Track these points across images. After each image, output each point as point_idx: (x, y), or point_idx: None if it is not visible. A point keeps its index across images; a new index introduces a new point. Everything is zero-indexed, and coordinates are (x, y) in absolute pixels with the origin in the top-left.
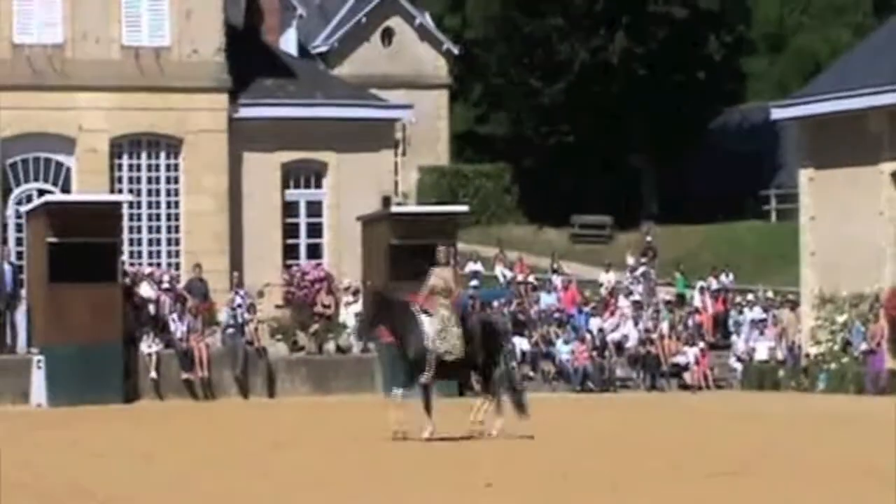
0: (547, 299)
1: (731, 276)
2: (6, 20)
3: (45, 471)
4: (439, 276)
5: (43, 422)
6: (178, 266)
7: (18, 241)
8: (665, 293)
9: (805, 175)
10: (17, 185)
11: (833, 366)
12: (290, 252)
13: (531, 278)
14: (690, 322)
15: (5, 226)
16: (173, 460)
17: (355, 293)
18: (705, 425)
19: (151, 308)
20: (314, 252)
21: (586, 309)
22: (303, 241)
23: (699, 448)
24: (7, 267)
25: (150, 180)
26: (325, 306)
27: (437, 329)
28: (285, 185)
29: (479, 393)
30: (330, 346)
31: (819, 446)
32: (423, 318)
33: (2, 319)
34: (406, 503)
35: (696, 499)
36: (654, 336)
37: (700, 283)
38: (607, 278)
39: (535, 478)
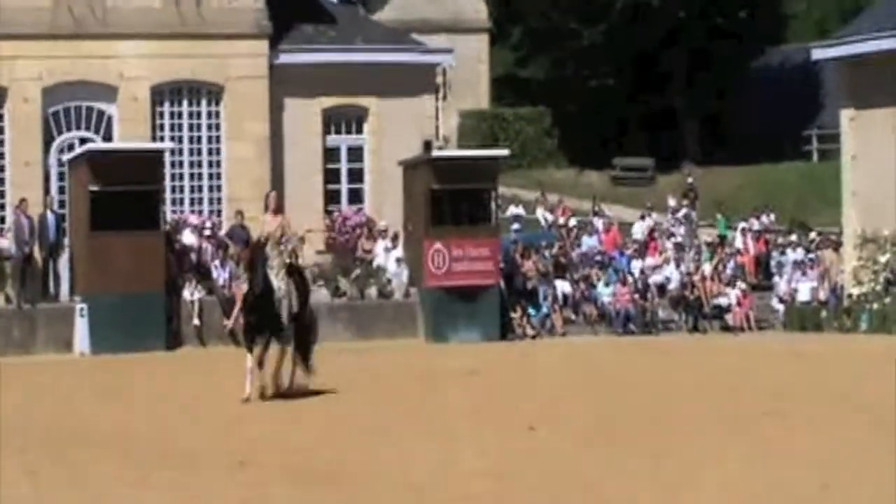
0: (588, 242)
1: (773, 217)
2: None
3: (91, 417)
4: (269, 224)
5: (87, 369)
6: (219, 213)
7: (61, 190)
8: (706, 235)
9: (846, 115)
10: (59, 133)
11: (875, 306)
12: (331, 197)
13: (572, 221)
14: (732, 263)
15: (48, 174)
16: (217, 406)
17: (395, 238)
18: (747, 366)
19: (193, 255)
20: (355, 197)
21: (628, 251)
22: (344, 186)
23: (741, 389)
24: (50, 215)
25: (191, 127)
26: (365, 251)
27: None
28: (326, 131)
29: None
30: (371, 291)
31: (862, 385)
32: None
33: (45, 268)
34: (452, 448)
35: (739, 439)
36: (696, 278)
37: (741, 225)
38: (643, 225)
39: (580, 420)
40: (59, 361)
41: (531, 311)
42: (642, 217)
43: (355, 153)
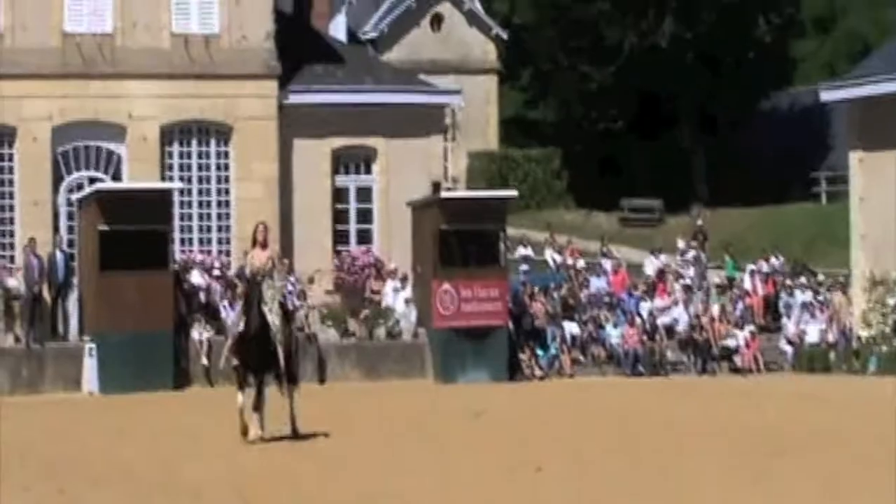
0: (597, 283)
1: (781, 259)
2: (57, 9)
3: (95, 454)
4: (256, 258)
5: (94, 408)
6: (228, 253)
7: (70, 230)
8: (715, 276)
9: (855, 157)
10: (69, 173)
11: (884, 348)
12: (340, 238)
13: (581, 262)
14: (741, 305)
15: (57, 214)
16: (223, 443)
17: (403, 279)
18: (756, 407)
19: (202, 295)
20: (364, 238)
21: (636, 292)
22: (353, 226)
23: (752, 429)
24: (59, 255)
25: (200, 167)
26: (374, 292)
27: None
28: (335, 171)
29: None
30: (380, 331)
31: (871, 427)
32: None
33: (54, 307)
34: (458, 487)
35: (753, 478)
36: (705, 319)
37: (750, 266)
38: (654, 264)
39: (588, 461)
40: (67, 400)
41: (539, 351)
42: (652, 252)
43: (364, 193)
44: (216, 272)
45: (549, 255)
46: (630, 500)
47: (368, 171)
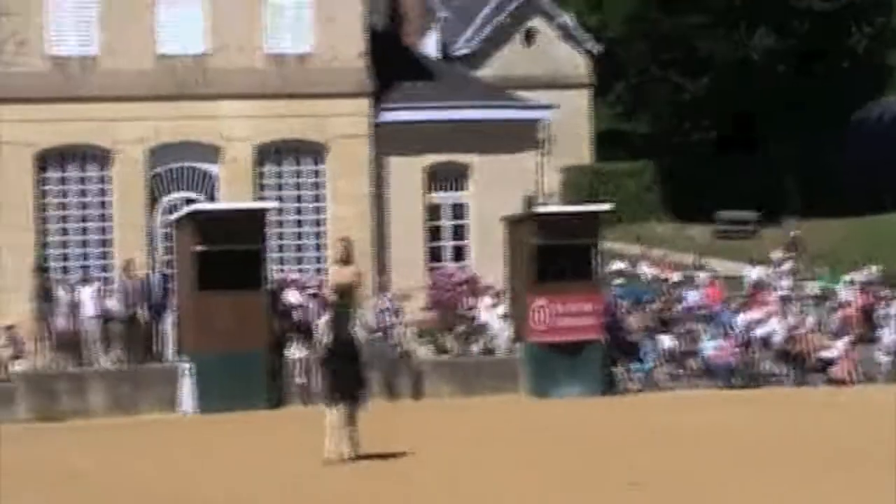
0: (692, 296)
1: (876, 269)
2: (150, 32)
3: (192, 477)
4: (338, 275)
5: (192, 429)
6: (323, 271)
7: (166, 251)
8: (811, 287)
9: None
10: (164, 194)
11: None
12: (434, 254)
13: (675, 275)
14: (837, 316)
15: (153, 235)
16: (317, 465)
17: (498, 294)
18: (854, 420)
19: (297, 314)
20: (459, 254)
21: (732, 305)
22: (447, 243)
23: (849, 442)
24: (155, 276)
25: (294, 186)
26: (468, 308)
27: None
28: (429, 188)
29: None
30: (475, 347)
31: None
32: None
33: (150, 328)
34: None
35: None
36: (801, 331)
37: (845, 277)
38: (753, 272)
39: (684, 475)
40: (163, 420)
41: (634, 365)
42: (751, 261)
43: (458, 210)
44: (311, 290)
45: (644, 268)
46: None
47: (462, 188)
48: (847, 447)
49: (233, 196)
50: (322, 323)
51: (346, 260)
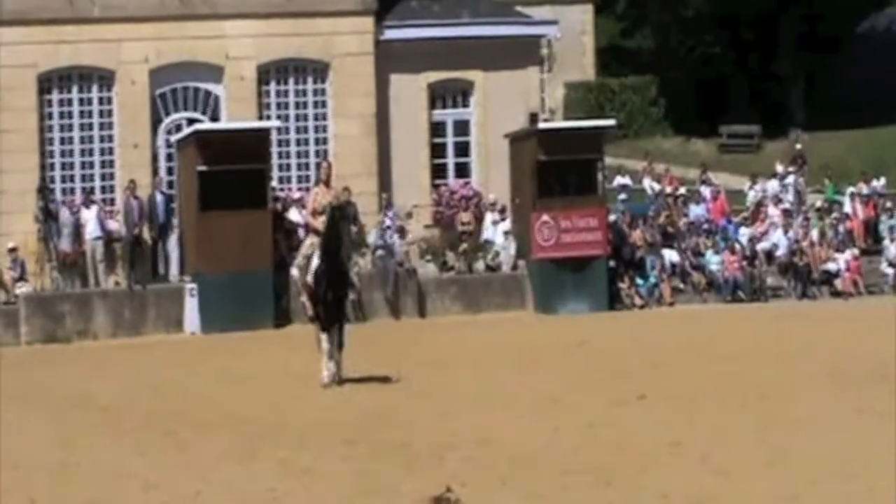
0: (696, 210)
1: (882, 181)
2: None
3: (200, 397)
4: (324, 195)
5: (197, 349)
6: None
7: (169, 171)
8: (815, 200)
9: None
10: (167, 114)
11: None
12: (438, 172)
13: (680, 190)
14: (841, 229)
15: (156, 156)
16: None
17: (503, 211)
18: (856, 332)
19: (301, 232)
20: (462, 171)
21: (735, 219)
22: (450, 160)
23: (853, 355)
24: (159, 196)
25: (297, 105)
26: (464, 223)
27: (303, 255)
28: (432, 106)
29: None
30: (479, 264)
31: None
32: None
33: (154, 249)
34: (561, 419)
35: (856, 408)
36: (805, 244)
37: (850, 189)
38: (753, 191)
39: (689, 388)
40: (169, 341)
41: (639, 281)
42: (752, 179)
43: (461, 127)
44: None
45: (648, 183)
46: (731, 429)
47: (465, 105)
48: (856, 359)
49: (236, 116)
50: (306, 246)
51: (327, 182)
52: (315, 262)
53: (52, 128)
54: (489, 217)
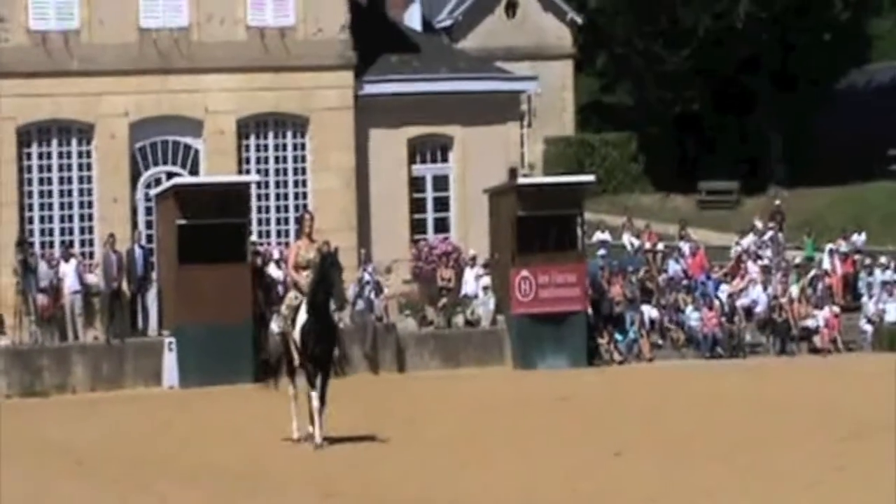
0: (675, 266)
1: (863, 236)
2: (132, 5)
3: (178, 449)
4: (307, 251)
5: (176, 403)
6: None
7: (148, 225)
8: (794, 256)
9: None
10: (146, 168)
11: None
12: (417, 226)
13: (659, 246)
14: (820, 285)
15: (135, 209)
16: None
17: (485, 266)
18: (835, 387)
19: (280, 288)
20: (441, 226)
21: (715, 275)
22: (430, 215)
23: (831, 410)
24: (138, 250)
25: (277, 160)
26: (444, 279)
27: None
28: (412, 160)
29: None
30: (458, 319)
31: None
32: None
33: (133, 302)
34: (539, 472)
35: (835, 465)
36: (784, 300)
37: (829, 246)
38: (743, 242)
39: (668, 444)
40: (148, 395)
41: (618, 336)
42: (740, 235)
43: (441, 182)
44: None
45: (627, 239)
46: (709, 485)
47: (445, 160)
48: (834, 414)
49: (216, 170)
50: (290, 297)
51: (310, 235)
52: (302, 316)
53: (32, 181)
54: (469, 272)
